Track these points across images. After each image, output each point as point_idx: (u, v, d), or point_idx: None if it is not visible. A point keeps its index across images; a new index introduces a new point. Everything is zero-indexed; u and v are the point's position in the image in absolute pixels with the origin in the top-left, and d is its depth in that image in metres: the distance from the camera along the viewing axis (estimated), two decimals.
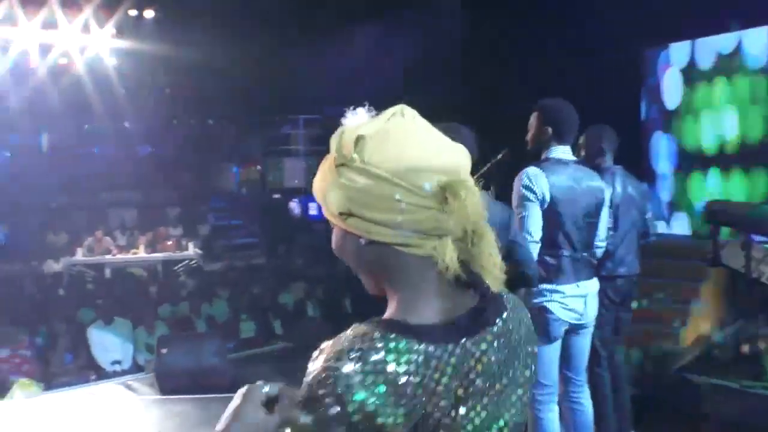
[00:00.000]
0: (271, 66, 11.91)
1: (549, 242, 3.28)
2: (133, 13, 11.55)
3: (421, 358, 1.02)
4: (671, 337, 6.21)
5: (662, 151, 8.51)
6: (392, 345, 1.01)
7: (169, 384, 5.61)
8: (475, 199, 1.05)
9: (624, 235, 4.13)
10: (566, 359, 3.47)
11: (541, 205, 3.27)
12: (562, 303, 3.34)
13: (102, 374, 7.24)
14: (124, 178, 15.45)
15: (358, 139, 1.08)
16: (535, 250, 3.20)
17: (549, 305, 3.33)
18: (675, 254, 7.05)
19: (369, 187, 1.06)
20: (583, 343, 3.51)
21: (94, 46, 11.51)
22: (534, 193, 3.26)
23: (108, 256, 12.04)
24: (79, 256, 11.78)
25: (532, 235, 3.22)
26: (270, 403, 1.06)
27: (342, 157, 1.09)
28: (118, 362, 7.35)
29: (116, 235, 13.46)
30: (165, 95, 14.51)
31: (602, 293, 3.70)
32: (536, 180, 3.27)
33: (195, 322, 8.55)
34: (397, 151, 1.07)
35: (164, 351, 5.86)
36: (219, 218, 16.06)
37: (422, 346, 1.03)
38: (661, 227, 8.35)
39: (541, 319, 3.26)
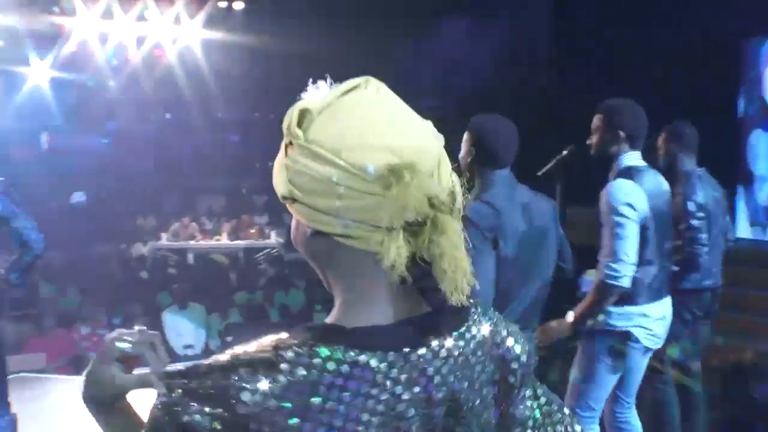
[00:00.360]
0: (363, 56, 11.91)
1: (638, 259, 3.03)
2: (222, 4, 11.76)
3: (350, 369, 0.88)
4: (758, 353, 5.78)
5: (761, 150, 7.95)
6: (308, 357, 0.88)
7: None
8: (425, 187, 0.87)
9: (712, 245, 3.82)
10: (620, 379, 3.24)
11: (640, 223, 3.01)
12: (647, 329, 3.11)
13: (175, 358, 7.37)
14: (214, 165, 15.86)
15: (303, 114, 0.94)
16: (629, 273, 2.95)
17: (634, 331, 3.08)
18: None
19: (308, 167, 0.92)
20: (644, 364, 3.27)
21: (185, 38, 11.81)
22: (635, 210, 3.00)
23: (192, 242, 12.31)
24: (164, 240, 12.09)
25: (629, 256, 2.96)
26: (130, 359, 1.01)
27: (288, 134, 0.95)
28: (190, 347, 7.47)
29: (203, 221, 13.79)
30: (255, 85, 14.71)
31: (684, 307, 3.46)
32: (635, 196, 3.01)
33: (268, 311, 8.60)
34: (343, 127, 0.92)
35: (229, 339, 5.88)
36: None
37: (356, 355, 0.89)
38: (756, 233, 7.82)
39: (621, 346, 3.04)
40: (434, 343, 0.94)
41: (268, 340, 0.93)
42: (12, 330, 7.79)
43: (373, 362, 0.89)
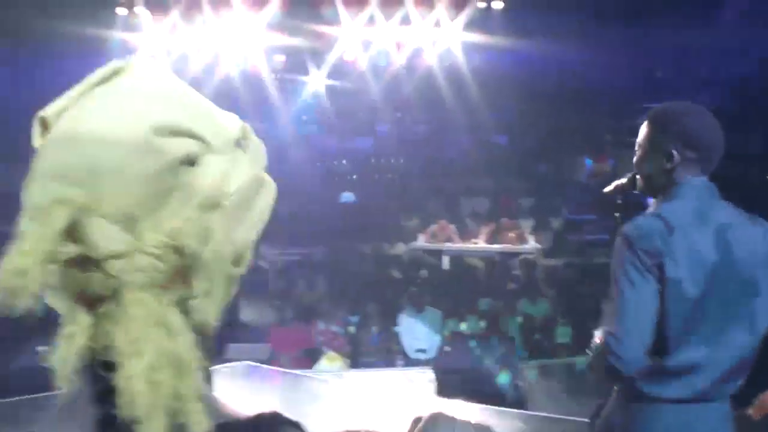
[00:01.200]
0: (626, 55, 11.18)
1: None
2: (482, 5, 11.64)
3: None
4: None
5: None
6: None
7: (445, 384, 5.43)
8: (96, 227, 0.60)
9: None
10: None
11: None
12: None
13: (408, 361, 7.39)
14: (478, 166, 15.85)
15: (41, 122, 0.75)
16: None
17: None
18: None
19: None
20: None
21: (446, 40, 11.91)
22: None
23: (447, 244, 12.36)
24: (421, 241, 12.28)
25: None
26: None
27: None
28: (423, 351, 7.42)
29: (467, 222, 13.82)
30: (518, 87, 14.41)
31: None
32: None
33: (507, 320, 8.29)
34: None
35: (447, 349, 5.70)
36: (572, 212, 15.59)
37: None
38: None
39: None
40: None
41: None
42: (253, 318, 8.46)
43: None
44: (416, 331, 7.59)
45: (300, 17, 11.46)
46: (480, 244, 12.70)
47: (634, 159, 2.39)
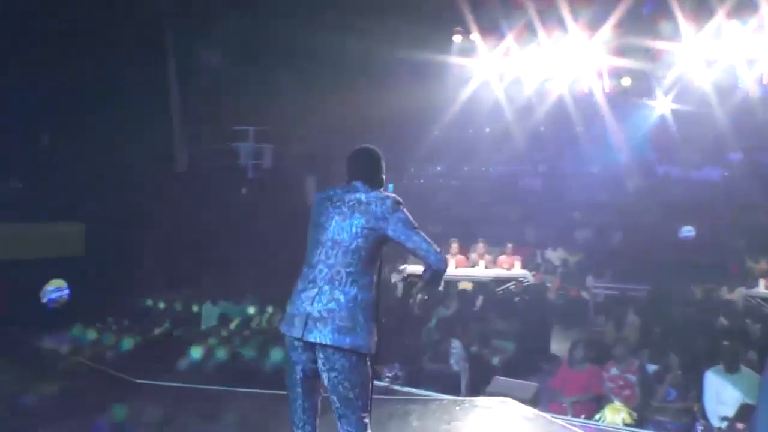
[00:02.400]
0: None
1: None
2: None
3: None
4: None
5: None
6: None
7: None
8: None
9: None
10: None
11: None
12: None
13: (708, 428, 6.35)
14: None
15: None
16: None
17: None
18: None
19: None
20: None
21: None
22: None
23: None
24: (762, 288, 10.60)
25: None
26: None
27: None
28: (726, 419, 6.31)
29: None
30: None
31: None
32: None
33: None
34: None
35: (741, 427, 4.73)
36: None
37: None
38: None
39: None
40: None
41: None
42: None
43: None
44: (724, 395, 6.48)
45: (635, 35, 10.69)
46: None
47: None
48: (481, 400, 5.37)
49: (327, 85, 13.08)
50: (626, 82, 12.81)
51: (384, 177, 3.53)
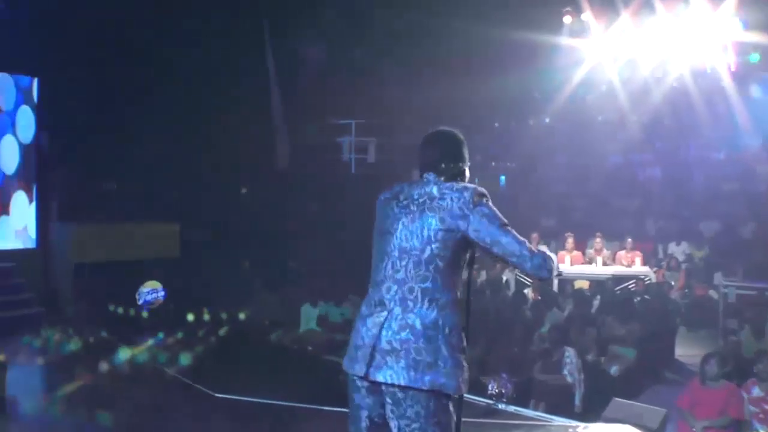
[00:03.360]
0: None
1: None
2: None
3: None
4: None
5: None
6: None
7: None
8: None
9: None
10: None
11: None
12: None
13: None
14: None
15: None
16: None
17: None
18: None
19: None
20: None
21: None
22: None
23: None
24: None
25: None
26: None
27: None
28: None
29: None
30: None
31: None
32: None
33: None
34: None
35: None
36: None
37: None
38: None
39: None
40: None
41: None
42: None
43: None
44: None
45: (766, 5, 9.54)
46: None
47: None
48: (597, 428, 4.73)
49: (433, 72, 12.58)
50: (755, 58, 11.60)
51: (466, 167, 2.80)
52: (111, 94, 10.13)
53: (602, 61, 12.29)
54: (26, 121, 10.47)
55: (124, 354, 7.70)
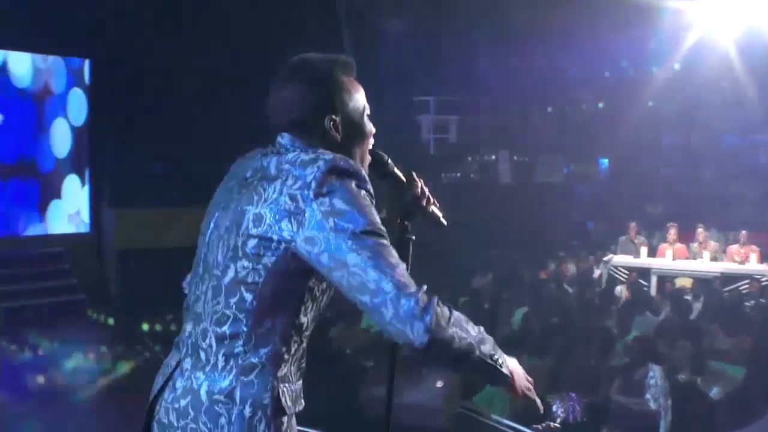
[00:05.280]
0: None
1: None
2: None
3: None
4: None
5: None
6: None
7: None
8: None
9: None
10: None
11: None
12: None
13: None
14: None
15: None
16: None
17: None
18: None
19: None
20: None
21: None
22: None
23: None
24: None
25: None
26: None
27: None
28: None
29: None
30: None
31: None
32: None
33: None
34: None
35: None
36: None
37: None
38: None
39: None
40: None
41: None
42: None
43: None
44: None
45: None
46: None
47: None
48: None
49: (523, 44, 11.52)
50: None
51: (360, 123, 1.70)
52: (165, 77, 9.69)
53: (716, 27, 10.84)
54: (78, 103, 10.31)
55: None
